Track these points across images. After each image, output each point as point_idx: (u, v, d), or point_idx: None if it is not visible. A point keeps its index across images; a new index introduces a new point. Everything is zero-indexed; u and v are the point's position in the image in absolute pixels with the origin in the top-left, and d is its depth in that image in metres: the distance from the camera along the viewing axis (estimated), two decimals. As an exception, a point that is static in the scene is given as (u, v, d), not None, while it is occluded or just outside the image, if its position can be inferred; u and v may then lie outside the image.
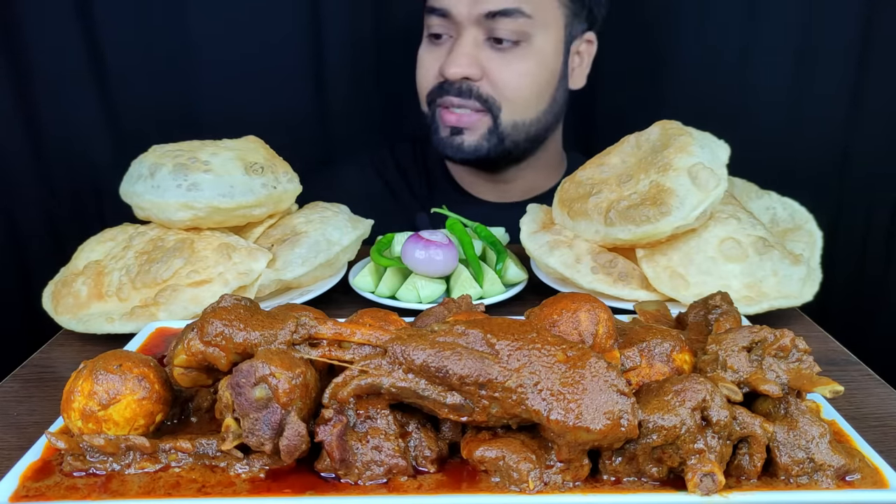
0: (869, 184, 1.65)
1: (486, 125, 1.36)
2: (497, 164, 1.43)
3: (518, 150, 1.41)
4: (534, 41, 1.33)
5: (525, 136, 1.39)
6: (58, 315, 0.97)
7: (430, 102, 1.40)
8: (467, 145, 1.37)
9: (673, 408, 0.57)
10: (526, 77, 1.34)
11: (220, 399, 0.61)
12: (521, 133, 1.39)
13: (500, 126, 1.36)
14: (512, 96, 1.35)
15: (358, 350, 0.63)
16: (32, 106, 1.56)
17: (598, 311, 0.66)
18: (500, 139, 1.37)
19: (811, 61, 1.59)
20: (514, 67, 1.33)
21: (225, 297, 0.66)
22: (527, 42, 1.33)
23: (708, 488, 0.56)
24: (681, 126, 1.07)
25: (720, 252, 0.98)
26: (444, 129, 1.39)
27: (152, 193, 0.98)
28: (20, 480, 0.59)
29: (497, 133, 1.36)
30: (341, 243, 1.07)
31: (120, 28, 1.55)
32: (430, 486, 0.60)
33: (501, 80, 1.33)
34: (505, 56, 1.33)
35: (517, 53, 1.33)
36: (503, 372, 0.58)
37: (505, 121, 1.36)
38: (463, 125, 1.36)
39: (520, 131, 1.38)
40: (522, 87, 1.35)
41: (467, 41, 1.32)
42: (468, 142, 1.37)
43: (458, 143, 1.38)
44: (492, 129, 1.36)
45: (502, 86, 1.34)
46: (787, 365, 0.64)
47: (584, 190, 1.05)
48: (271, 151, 1.10)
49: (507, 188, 1.49)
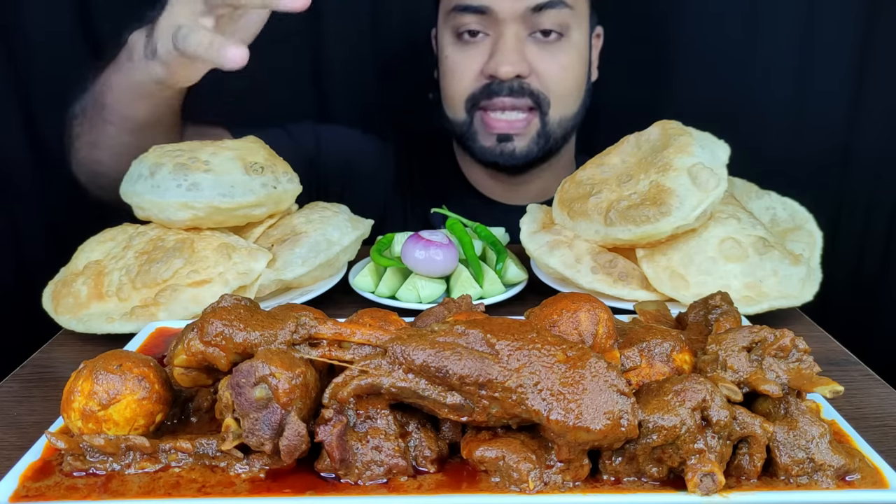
0: (869, 184, 1.66)
1: (535, 128, 1.34)
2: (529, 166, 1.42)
3: (556, 147, 1.40)
4: (572, 34, 1.33)
5: (563, 133, 1.38)
6: (58, 315, 0.97)
7: (471, 108, 1.35)
8: (518, 152, 1.35)
9: (673, 408, 0.57)
10: (569, 70, 1.34)
11: (220, 399, 0.61)
12: (562, 130, 1.38)
13: (547, 125, 1.34)
14: (558, 90, 1.33)
15: (358, 350, 0.63)
16: (33, 106, 1.56)
17: (598, 311, 0.66)
18: (547, 139, 1.35)
19: (811, 61, 1.59)
20: (558, 61, 1.32)
21: (225, 297, 0.66)
22: (566, 35, 1.32)
23: (708, 488, 0.56)
24: (681, 126, 1.07)
25: (720, 252, 0.98)
26: (489, 137, 1.35)
27: (152, 193, 0.98)
28: (20, 480, 0.59)
29: (545, 133, 1.35)
30: (341, 243, 1.07)
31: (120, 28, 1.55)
32: (430, 486, 0.60)
33: (548, 74, 1.32)
34: (548, 50, 1.32)
35: (559, 47, 1.32)
36: (503, 372, 0.58)
37: (552, 118, 1.34)
38: (513, 131, 1.33)
39: (562, 128, 1.37)
40: (567, 79, 1.34)
41: (511, 37, 1.29)
42: (519, 148, 1.35)
43: (509, 149, 1.35)
44: (540, 132, 1.34)
45: (549, 80, 1.32)
46: (787, 365, 0.64)
47: (584, 190, 1.05)
48: (271, 151, 1.10)
49: (521, 190, 1.47)
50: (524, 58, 1.30)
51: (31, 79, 1.54)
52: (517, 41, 1.30)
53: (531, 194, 1.48)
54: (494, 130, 1.34)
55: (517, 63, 1.29)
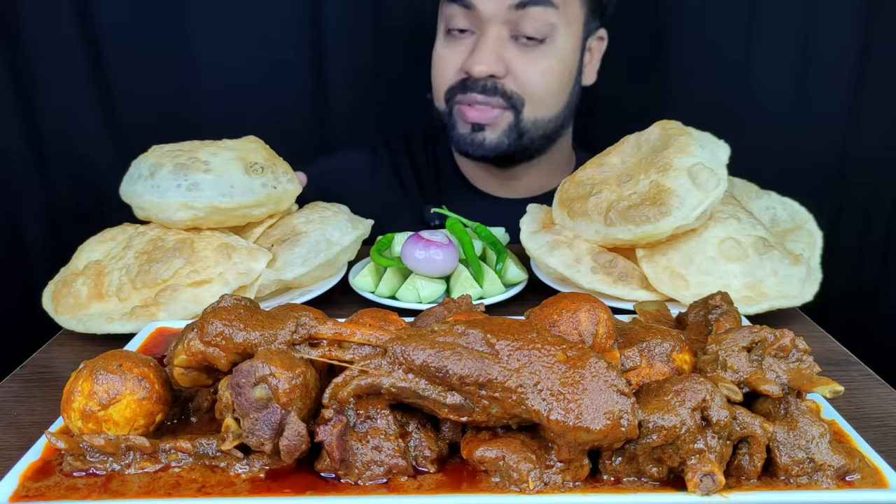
0: (869, 184, 1.66)
1: (507, 121, 1.36)
2: (511, 160, 1.44)
3: (534, 146, 1.42)
4: (556, 39, 1.33)
5: (542, 133, 1.40)
6: (58, 315, 0.97)
7: (449, 99, 1.39)
8: (489, 142, 1.37)
9: (673, 408, 0.57)
10: (549, 75, 1.35)
11: (220, 399, 0.61)
12: (540, 129, 1.39)
13: (521, 122, 1.36)
14: (535, 93, 1.35)
15: (358, 350, 0.63)
16: (33, 106, 1.56)
17: (598, 311, 0.66)
18: (520, 135, 1.37)
19: (811, 62, 1.59)
20: (537, 65, 1.33)
21: (225, 297, 0.66)
22: (550, 40, 1.33)
23: (708, 488, 0.56)
24: (681, 126, 1.07)
25: (720, 252, 0.98)
26: (465, 126, 1.38)
27: (152, 193, 0.98)
28: (20, 480, 0.59)
29: (518, 129, 1.37)
30: (341, 243, 1.07)
31: (120, 29, 1.55)
32: (430, 486, 0.60)
33: (525, 77, 1.33)
34: (529, 53, 1.33)
35: (541, 51, 1.33)
36: (503, 372, 0.58)
37: (527, 117, 1.36)
38: (485, 121, 1.36)
39: (539, 128, 1.39)
40: (545, 84, 1.35)
41: (492, 38, 1.31)
42: (489, 138, 1.37)
43: (479, 139, 1.38)
44: (512, 126, 1.36)
45: (526, 83, 1.34)
46: (787, 365, 0.64)
47: (584, 190, 1.05)
48: (271, 151, 1.10)
49: (517, 185, 1.50)
50: (501, 59, 1.32)
51: (32, 79, 1.54)
52: (497, 42, 1.32)
53: (526, 189, 1.49)
54: (468, 119, 1.37)
55: (493, 63, 1.31)
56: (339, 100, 1.68)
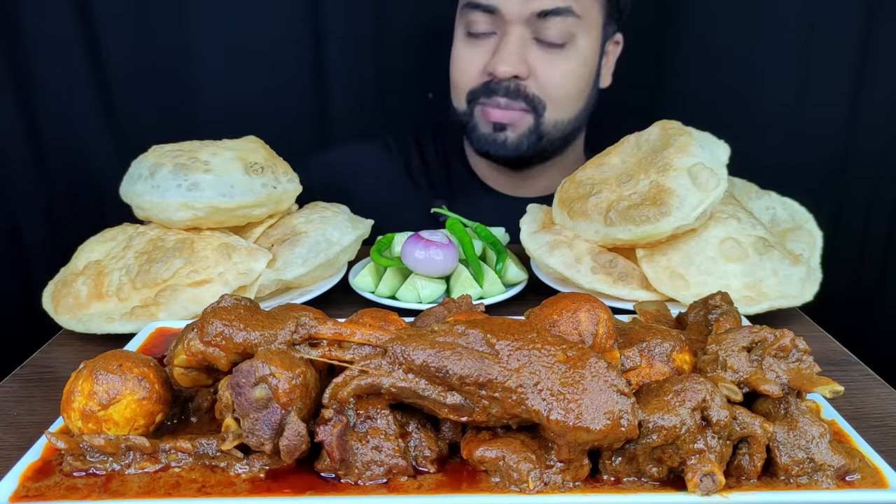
0: (869, 184, 1.65)
1: (527, 124, 1.37)
2: (528, 162, 1.45)
3: (552, 147, 1.42)
4: (578, 42, 1.34)
5: (561, 134, 1.41)
6: (58, 315, 0.97)
7: (471, 101, 1.40)
8: (510, 142, 1.38)
9: (673, 408, 0.57)
10: (570, 78, 1.36)
11: (220, 399, 0.61)
12: (559, 132, 1.40)
13: (541, 125, 1.37)
14: (556, 96, 1.36)
15: (358, 350, 0.63)
16: (32, 106, 1.56)
17: (598, 311, 0.66)
18: (540, 137, 1.38)
19: (812, 62, 1.59)
20: (559, 68, 1.34)
21: (225, 297, 0.66)
22: (571, 43, 1.34)
23: (708, 488, 0.56)
24: (681, 126, 1.07)
25: (720, 252, 0.98)
26: (487, 126, 1.39)
27: (152, 193, 0.99)
28: (20, 480, 0.59)
29: (538, 131, 1.38)
30: (341, 243, 1.07)
31: (120, 28, 1.55)
32: (430, 486, 0.60)
33: (547, 79, 1.34)
34: (551, 56, 1.34)
35: (563, 54, 1.34)
36: (503, 372, 0.58)
37: (547, 119, 1.37)
38: (508, 121, 1.37)
39: (558, 130, 1.40)
40: (566, 86, 1.36)
41: (515, 38, 1.32)
42: (511, 139, 1.38)
43: (501, 139, 1.38)
44: (532, 128, 1.37)
45: (547, 85, 1.35)
46: (787, 365, 0.64)
47: (584, 190, 1.05)
48: (271, 151, 1.10)
49: (529, 184, 1.51)
50: (524, 60, 1.33)
51: (31, 78, 1.54)
52: (520, 43, 1.33)
53: (536, 188, 1.50)
54: (492, 119, 1.38)
55: (516, 64, 1.32)
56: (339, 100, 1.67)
